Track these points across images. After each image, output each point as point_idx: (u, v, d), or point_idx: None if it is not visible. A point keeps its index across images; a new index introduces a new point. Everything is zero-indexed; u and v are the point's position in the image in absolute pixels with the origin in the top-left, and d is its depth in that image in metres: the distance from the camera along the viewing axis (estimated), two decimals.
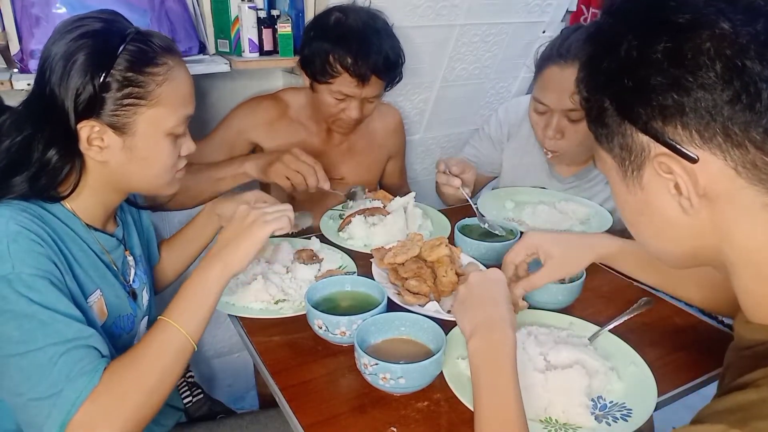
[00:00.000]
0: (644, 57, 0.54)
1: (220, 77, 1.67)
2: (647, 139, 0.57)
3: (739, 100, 0.51)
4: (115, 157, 0.91)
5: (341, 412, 0.87)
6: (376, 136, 1.71)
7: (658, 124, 0.55)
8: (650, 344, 1.02)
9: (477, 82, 2.10)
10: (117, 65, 0.86)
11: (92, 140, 0.88)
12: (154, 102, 0.90)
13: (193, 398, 1.28)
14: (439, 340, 0.92)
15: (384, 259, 1.17)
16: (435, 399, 0.90)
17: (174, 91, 0.92)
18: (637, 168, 0.60)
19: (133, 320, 1.03)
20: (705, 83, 0.51)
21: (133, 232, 1.12)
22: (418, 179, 2.23)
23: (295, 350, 1.02)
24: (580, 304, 1.13)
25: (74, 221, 0.93)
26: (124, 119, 0.89)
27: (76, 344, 0.78)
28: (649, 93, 0.55)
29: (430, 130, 2.18)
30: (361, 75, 1.37)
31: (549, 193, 1.59)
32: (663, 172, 0.57)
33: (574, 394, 0.84)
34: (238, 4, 1.54)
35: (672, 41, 0.52)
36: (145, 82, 0.88)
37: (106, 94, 0.86)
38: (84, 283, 0.91)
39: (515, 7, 1.88)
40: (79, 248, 0.92)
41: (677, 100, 0.53)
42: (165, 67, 0.91)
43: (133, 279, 1.06)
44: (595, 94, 0.61)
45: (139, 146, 0.91)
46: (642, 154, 0.59)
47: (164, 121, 0.92)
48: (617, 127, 0.60)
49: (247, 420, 1.23)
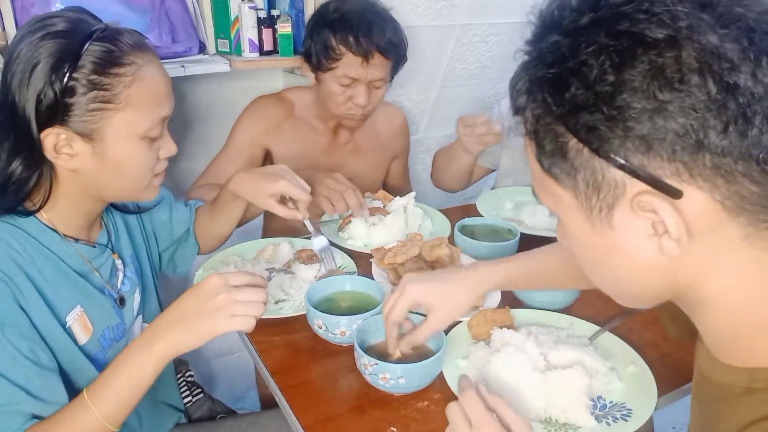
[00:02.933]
0: (622, 81, 0.46)
1: (220, 77, 1.67)
2: (622, 174, 0.49)
3: (734, 125, 0.45)
4: (86, 164, 0.85)
5: (341, 412, 0.88)
6: (381, 137, 1.71)
7: (637, 157, 0.48)
8: (650, 344, 1.02)
9: (477, 82, 2.10)
10: (81, 68, 0.80)
11: (60, 148, 0.82)
12: (122, 105, 0.83)
13: (192, 398, 1.28)
14: (439, 340, 0.92)
15: (384, 259, 1.17)
16: (435, 399, 0.90)
17: (144, 92, 0.86)
18: (607, 207, 0.52)
19: (123, 329, 1.01)
20: (694, 107, 0.45)
21: (122, 232, 1.08)
22: (418, 179, 2.23)
23: (295, 350, 1.02)
24: (580, 304, 1.13)
25: (50, 236, 0.89)
26: (91, 125, 0.83)
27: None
28: (627, 122, 0.47)
29: (430, 130, 2.18)
30: (364, 52, 1.36)
31: None
32: (641, 211, 0.50)
33: (574, 394, 0.84)
34: (238, 4, 1.54)
35: (653, 61, 0.45)
36: (111, 84, 0.82)
37: (70, 100, 0.80)
38: (60, 304, 0.88)
39: (515, 7, 1.88)
40: (53, 266, 0.88)
41: (661, 128, 0.46)
42: (133, 67, 0.84)
43: (122, 282, 1.03)
44: (552, 126, 0.52)
45: (110, 152, 0.85)
46: (615, 191, 0.50)
47: (136, 125, 0.86)
48: (584, 163, 0.51)
49: (247, 421, 1.22)
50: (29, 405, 0.79)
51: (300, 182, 1.14)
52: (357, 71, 1.39)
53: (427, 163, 2.27)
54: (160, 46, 1.43)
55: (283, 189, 1.12)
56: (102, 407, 0.80)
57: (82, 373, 0.91)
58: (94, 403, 0.80)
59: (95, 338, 0.94)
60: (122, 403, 0.81)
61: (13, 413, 0.78)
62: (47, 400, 0.81)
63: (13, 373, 0.78)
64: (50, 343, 0.86)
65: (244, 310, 0.82)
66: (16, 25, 1.33)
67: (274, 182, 1.12)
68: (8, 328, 0.79)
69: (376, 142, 1.70)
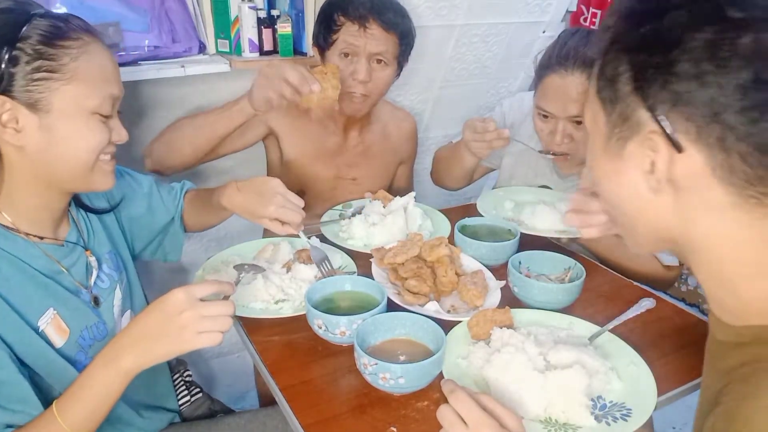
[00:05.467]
0: (684, 40, 0.52)
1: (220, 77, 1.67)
2: (648, 116, 0.57)
3: (747, 113, 0.51)
4: (32, 140, 0.85)
5: (341, 412, 0.88)
6: (390, 141, 1.71)
7: (665, 106, 0.55)
8: (650, 344, 1.02)
9: (477, 82, 2.10)
10: (26, 38, 0.82)
11: (6, 122, 0.82)
12: (69, 77, 0.84)
13: (191, 397, 1.28)
14: (439, 340, 0.92)
15: (384, 259, 1.17)
16: (435, 399, 0.90)
17: (92, 67, 0.87)
18: (623, 138, 0.60)
19: (103, 327, 1.00)
20: (725, 86, 0.51)
21: (98, 228, 1.06)
22: (418, 179, 2.23)
23: (295, 350, 1.02)
24: (580, 304, 1.13)
25: (11, 239, 0.88)
26: (36, 95, 0.83)
27: None
28: (671, 76, 0.54)
29: (430, 130, 2.19)
30: (360, 17, 1.39)
31: (548, 193, 1.59)
32: (648, 149, 0.58)
33: (573, 394, 0.84)
34: (238, 4, 1.54)
35: (717, 34, 0.51)
36: (56, 55, 0.83)
37: (13, 69, 0.81)
38: (29, 308, 0.87)
39: (515, 7, 1.88)
40: (17, 270, 0.87)
41: (693, 92, 0.53)
42: (80, 42, 0.86)
43: (97, 280, 1.02)
44: (619, 54, 0.59)
45: (58, 126, 0.85)
46: (636, 127, 0.59)
47: (85, 99, 0.87)
48: (625, 96, 0.59)
49: (245, 418, 1.22)
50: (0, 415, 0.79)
51: (292, 201, 1.13)
52: (355, 38, 1.41)
53: (427, 163, 2.27)
54: (159, 46, 1.43)
55: (274, 214, 1.12)
56: (70, 421, 0.80)
57: (62, 377, 0.90)
58: (63, 416, 0.80)
59: (73, 340, 0.93)
60: (90, 417, 0.82)
61: None
62: (15, 410, 0.81)
63: None
64: (23, 349, 0.85)
65: (211, 326, 0.80)
66: None
67: (265, 207, 1.12)
68: None
69: (385, 145, 1.70)
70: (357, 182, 1.64)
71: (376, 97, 1.52)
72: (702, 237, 0.60)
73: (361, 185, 1.63)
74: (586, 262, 1.32)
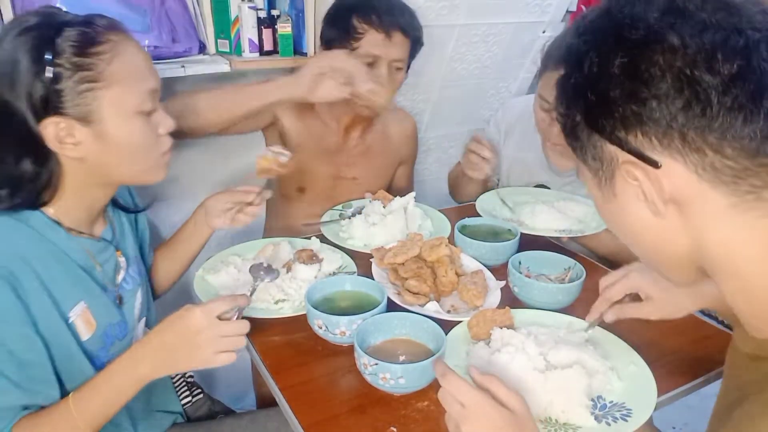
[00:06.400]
0: (603, 72, 0.57)
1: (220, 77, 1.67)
2: (614, 148, 0.59)
3: (690, 107, 0.53)
4: (91, 150, 0.88)
5: (341, 412, 0.88)
6: (391, 141, 1.72)
7: (621, 133, 0.58)
8: (650, 344, 1.02)
9: (477, 82, 2.10)
10: (61, 53, 0.82)
11: (63, 138, 0.85)
12: (109, 82, 0.86)
13: (192, 398, 1.28)
14: (439, 340, 0.92)
15: (384, 259, 1.17)
16: (435, 399, 0.89)
17: (126, 67, 0.88)
18: (609, 177, 0.62)
19: (125, 327, 1.01)
20: (658, 93, 0.54)
21: (127, 231, 1.09)
22: (418, 179, 2.23)
23: (295, 350, 1.02)
24: (580, 304, 1.13)
25: (54, 230, 0.90)
26: (85, 107, 0.85)
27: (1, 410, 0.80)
28: (609, 105, 0.57)
29: (430, 130, 2.19)
30: (386, 28, 1.39)
31: (547, 193, 1.59)
32: (630, 179, 0.59)
33: (573, 394, 0.84)
34: (238, 4, 1.54)
35: (627, 56, 0.55)
36: (93, 63, 0.85)
37: (58, 86, 0.83)
38: (63, 299, 0.89)
39: (515, 7, 1.88)
40: (57, 261, 0.89)
41: (635, 111, 0.56)
42: (110, 44, 0.87)
43: (123, 281, 1.04)
44: (568, 110, 0.63)
45: (110, 132, 0.88)
46: (612, 163, 0.61)
47: (126, 100, 0.88)
48: (588, 140, 0.62)
49: (246, 419, 1.22)
50: (20, 398, 0.83)
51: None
52: (379, 48, 1.41)
53: (427, 162, 2.28)
54: (160, 46, 1.43)
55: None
56: (83, 414, 0.84)
57: (76, 371, 0.92)
58: (78, 409, 0.84)
59: (98, 335, 0.95)
60: (101, 413, 0.86)
61: (7, 410, 0.81)
62: (38, 391, 0.85)
63: (9, 368, 0.81)
64: (50, 337, 0.87)
65: (227, 345, 0.84)
66: None
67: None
68: (11, 326, 0.81)
69: (386, 145, 1.70)
70: (357, 182, 1.64)
71: (391, 99, 1.53)
72: (717, 249, 0.59)
73: (362, 185, 1.63)
74: (586, 262, 1.32)
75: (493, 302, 1.09)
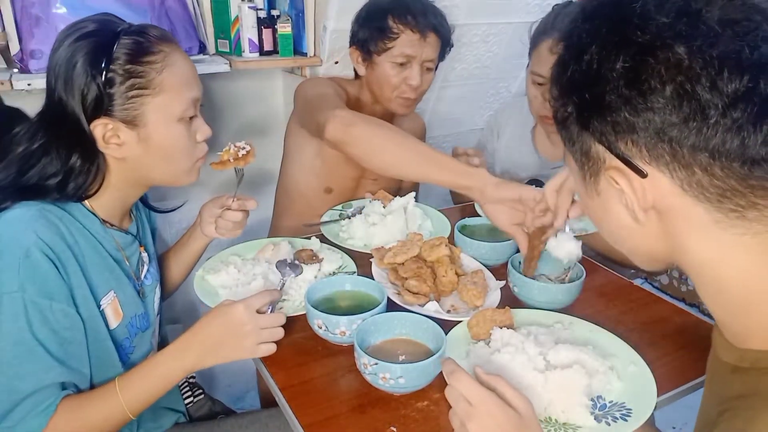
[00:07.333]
0: (602, 73, 0.54)
1: (220, 77, 1.67)
2: (602, 149, 0.58)
3: (687, 124, 0.51)
4: (133, 151, 0.93)
5: (341, 412, 0.88)
6: None
7: (611, 137, 0.56)
8: (650, 344, 1.02)
9: (477, 82, 2.10)
10: (116, 60, 0.88)
11: (108, 138, 0.91)
12: (157, 90, 0.92)
13: (194, 398, 1.29)
14: (439, 340, 0.92)
15: (384, 259, 1.17)
16: (435, 399, 0.90)
17: (175, 76, 0.94)
18: (594, 174, 0.61)
19: (147, 319, 1.06)
20: (655, 106, 0.52)
21: (146, 228, 1.14)
22: None
23: (295, 350, 1.02)
24: (580, 304, 1.13)
25: (92, 220, 0.96)
26: (133, 112, 0.91)
27: (39, 384, 0.83)
28: (604, 109, 0.55)
29: (430, 130, 2.18)
30: (421, 29, 1.41)
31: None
32: (614, 182, 0.58)
33: (573, 394, 0.84)
34: (238, 4, 1.54)
35: (630, 61, 0.53)
36: (145, 71, 0.90)
37: (110, 90, 0.89)
38: (97, 286, 0.94)
39: (515, 7, 1.88)
40: (93, 249, 0.94)
41: (629, 119, 0.54)
42: (162, 55, 0.93)
43: (146, 276, 1.08)
44: (561, 98, 0.61)
45: (153, 136, 0.93)
46: (598, 162, 0.60)
47: (172, 107, 0.94)
48: (577, 134, 0.61)
49: (247, 419, 1.22)
50: (61, 374, 0.86)
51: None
52: (413, 49, 1.43)
53: None
54: None
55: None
56: (128, 397, 0.89)
57: (103, 358, 0.95)
58: (123, 393, 0.88)
59: (124, 324, 0.99)
60: (145, 399, 0.91)
61: (50, 387, 0.84)
62: (75, 369, 0.89)
63: (52, 344, 0.85)
64: (86, 321, 0.91)
65: (268, 336, 0.92)
66: (16, 25, 1.33)
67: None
68: (56, 303, 0.85)
69: None
70: (377, 182, 1.65)
71: (422, 95, 1.55)
72: (696, 258, 0.58)
73: (380, 184, 1.64)
74: (586, 262, 1.32)
75: (493, 302, 1.09)
